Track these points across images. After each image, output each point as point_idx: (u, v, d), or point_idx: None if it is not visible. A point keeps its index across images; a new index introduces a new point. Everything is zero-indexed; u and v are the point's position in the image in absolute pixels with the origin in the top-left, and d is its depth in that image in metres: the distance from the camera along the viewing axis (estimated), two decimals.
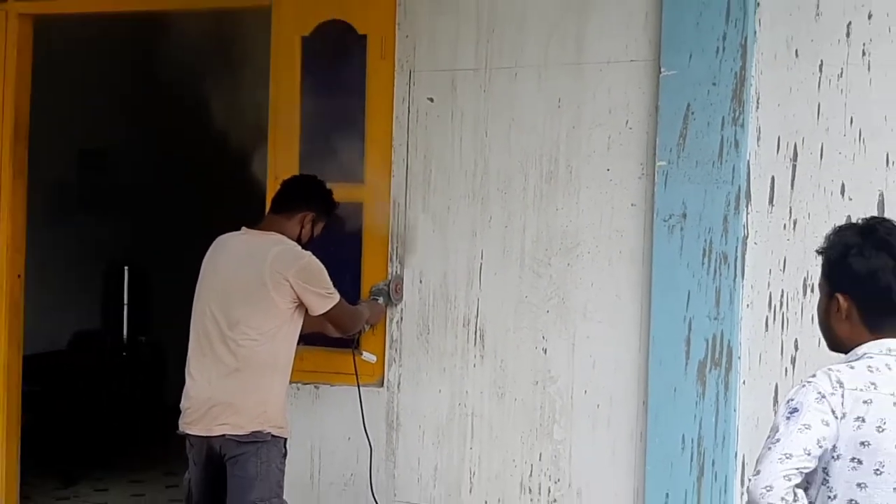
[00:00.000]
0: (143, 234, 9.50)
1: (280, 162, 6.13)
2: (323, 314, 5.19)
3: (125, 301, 9.32)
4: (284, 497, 5.15)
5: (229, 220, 5.44)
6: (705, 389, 5.19)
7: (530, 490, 5.60)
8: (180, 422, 5.17)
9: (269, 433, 5.05)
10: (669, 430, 5.26)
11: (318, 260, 5.19)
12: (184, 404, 5.16)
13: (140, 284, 9.44)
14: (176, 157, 9.63)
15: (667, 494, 5.23)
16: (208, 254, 5.34)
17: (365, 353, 5.77)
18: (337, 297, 5.19)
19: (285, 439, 5.15)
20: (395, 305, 5.84)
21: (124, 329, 9.27)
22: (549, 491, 5.57)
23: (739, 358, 5.18)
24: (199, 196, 9.61)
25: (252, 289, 5.08)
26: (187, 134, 9.36)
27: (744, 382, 5.19)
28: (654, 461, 5.30)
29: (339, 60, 6.09)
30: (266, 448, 5.05)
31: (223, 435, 5.01)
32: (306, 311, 5.15)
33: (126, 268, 9.34)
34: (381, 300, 5.76)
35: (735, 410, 5.18)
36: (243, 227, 5.33)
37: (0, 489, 6.74)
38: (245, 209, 5.67)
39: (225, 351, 5.07)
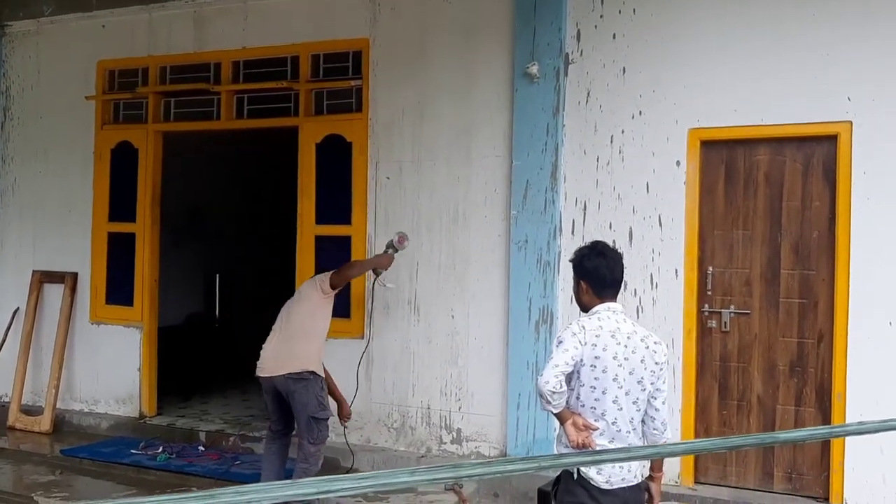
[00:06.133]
0: (225, 256, 9.46)
1: (305, 213, 6.49)
2: (331, 280, 5.19)
3: (217, 295, 9.36)
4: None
5: (273, 247, 5.45)
6: (539, 336, 5.69)
7: (446, 394, 6.06)
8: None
9: (310, 372, 5.10)
10: (520, 358, 5.74)
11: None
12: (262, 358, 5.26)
13: (225, 284, 9.40)
14: (242, 212, 9.68)
15: (519, 394, 5.74)
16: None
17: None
18: (332, 272, 5.25)
19: (322, 377, 5.18)
20: (399, 251, 5.62)
21: (216, 311, 9.34)
22: (456, 394, 6.04)
23: (557, 319, 5.67)
24: (256, 235, 9.63)
25: (303, 298, 5.25)
26: (249, 198, 9.78)
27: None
28: (513, 376, 5.77)
29: (337, 157, 6.38)
30: (311, 383, 5.10)
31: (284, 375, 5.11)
32: (327, 290, 5.21)
33: (217, 275, 9.37)
34: (389, 251, 5.54)
35: None
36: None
37: (146, 403, 7.18)
38: (282, 243, 5.51)
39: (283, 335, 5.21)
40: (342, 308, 5.78)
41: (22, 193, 7.72)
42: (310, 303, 5.24)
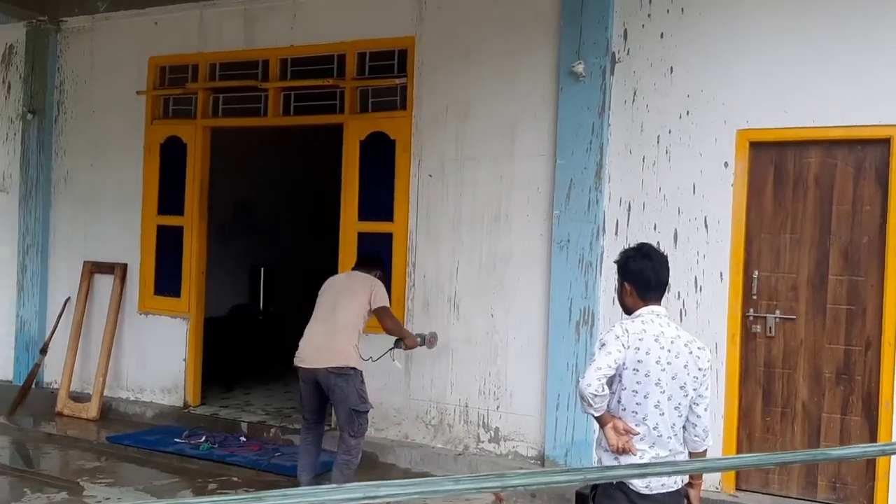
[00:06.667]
0: (270, 249, 9.56)
1: (348, 209, 6.53)
2: (378, 308, 5.28)
3: (261, 287, 9.44)
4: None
5: (316, 242, 5.50)
6: (579, 337, 5.64)
7: (484, 392, 6.04)
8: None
9: (352, 368, 5.16)
10: (560, 359, 5.70)
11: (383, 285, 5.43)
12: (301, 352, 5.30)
13: (269, 278, 9.50)
14: (287, 207, 9.79)
15: (558, 395, 5.70)
16: (327, 281, 5.46)
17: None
18: (388, 304, 5.34)
19: (361, 371, 5.24)
20: (425, 347, 5.77)
21: (260, 303, 9.43)
22: (494, 393, 6.02)
23: (599, 320, 5.62)
24: (300, 230, 9.71)
25: (352, 292, 5.28)
26: (294, 194, 9.86)
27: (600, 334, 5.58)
28: (552, 376, 5.73)
29: (380, 154, 6.42)
30: (352, 377, 5.16)
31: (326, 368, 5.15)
32: (372, 310, 5.29)
33: (262, 268, 9.48)
34: (418, 339, 5.63)
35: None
36: (347, 271, 5.67)
37: (190, 393, 7.29)
38: (326, 238, 5.50)
39: (330, 325, 5.24)
40: None
41: (74, 186, 7.88)
42: (359, 302, 5.25)
